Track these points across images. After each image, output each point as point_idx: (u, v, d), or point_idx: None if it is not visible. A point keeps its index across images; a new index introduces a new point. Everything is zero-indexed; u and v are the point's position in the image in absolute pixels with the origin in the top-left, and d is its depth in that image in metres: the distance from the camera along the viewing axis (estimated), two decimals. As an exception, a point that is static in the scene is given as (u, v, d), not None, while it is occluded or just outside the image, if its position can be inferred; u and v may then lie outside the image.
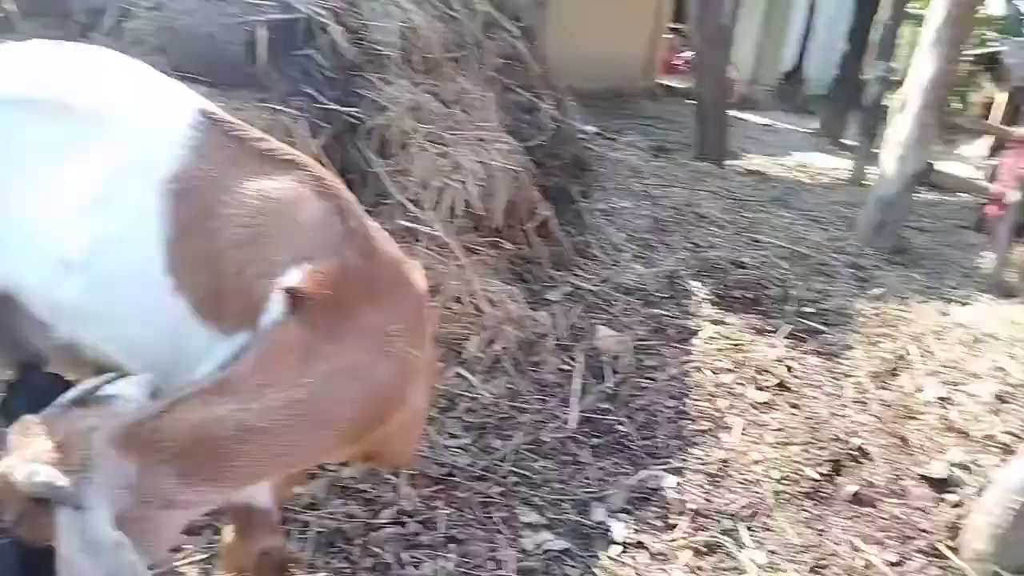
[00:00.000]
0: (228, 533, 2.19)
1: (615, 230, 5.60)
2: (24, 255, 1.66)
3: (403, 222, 3.83)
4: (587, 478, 3.06)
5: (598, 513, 2.87)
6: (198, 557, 2.40)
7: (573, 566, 2.62)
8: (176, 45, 3.81)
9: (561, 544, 2.70)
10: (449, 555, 2.57)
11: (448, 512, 2.76)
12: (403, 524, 2.67)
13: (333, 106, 3.96)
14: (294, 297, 1.51)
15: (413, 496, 2.78)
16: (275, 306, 1.52)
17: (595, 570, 2.62)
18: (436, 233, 3.85)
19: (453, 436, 3.16)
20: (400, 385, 1.68)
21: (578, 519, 2.83)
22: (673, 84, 14.72)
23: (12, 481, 1.28)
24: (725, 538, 2.82)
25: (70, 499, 1.26)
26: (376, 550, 2.54)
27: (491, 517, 2.78)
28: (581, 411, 3.46)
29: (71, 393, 1.45)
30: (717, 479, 3.15)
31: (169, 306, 1.60)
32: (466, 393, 3.40)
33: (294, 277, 1.52)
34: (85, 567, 1.24)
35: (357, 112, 4.04)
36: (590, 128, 7.90)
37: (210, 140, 1.65)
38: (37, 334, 1.75)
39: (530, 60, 5.54)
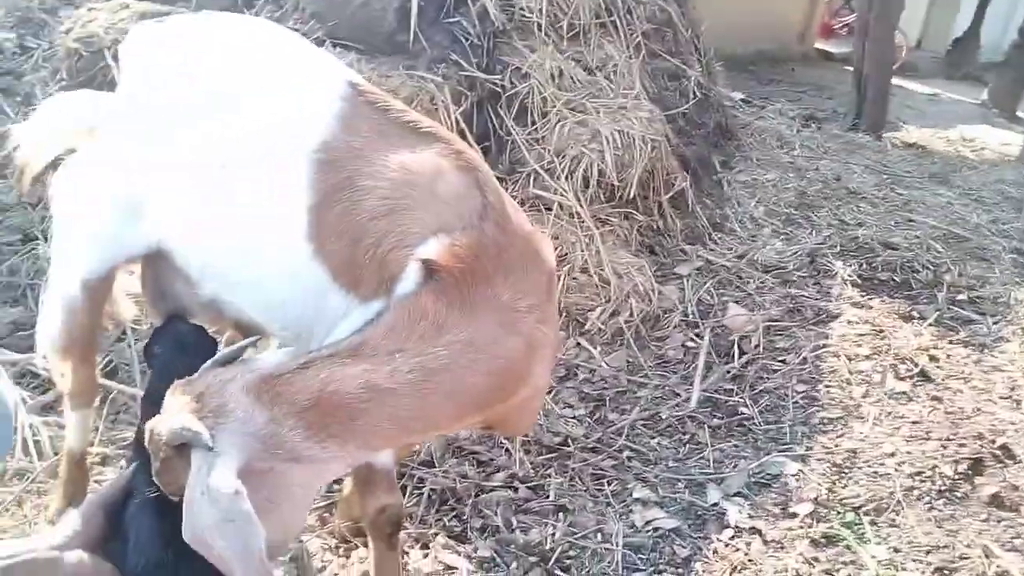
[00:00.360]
0: (348, 485, 2.31)
1: (756, 203, 5.43)
2: (177, 215, 1.79)
3: (536, 190, 3.87)
4: (704, 459, 3.03)
5: (713, 495, 2.83)
6: (320, 503, 2.52)
7: (682, 545, 2.60)
8: (332, 12, 3.97)
9: (671, 523, 2.68)
10: (557, 523, 2.61)
11: (559, 481, 2.79)
12: (514, 489, 2.73)
13: (477, 73, 4.03)
14: (430, 268, 1.54)
15: (526, 462, 2.83)
16: (411, 276, 1.57)
17: (705, 552, 2.58)
18: (568, 202, 3.87)
19: (569, 406, 3.20)
20: (527, 361, 1.70)
21: (691, 499, 2.81)
22: (831, 49, 13.88)
23: (158, 434, 1.36)
24: (846, 531, 2.72)
25: (202, 441, 1.32)
26: (486, 512, 2.60)
27: (602, 490, 2.80)
28: (703, 390, 3.41)
29: (216, 355, 1.53)
30: (843, 470, 3.03)
31: (307, 271, 1.67)
32: (585, 364, 3.42)
33: (431, 248, 1.56)
34: (204, 511, 1.29)
35: (500, 79, 4.09)
36: (735, 95, 7.63)
37: (356, 111, 1.70)
38: (185, 290, 1.88)
39: (680, 25, 5.41)
